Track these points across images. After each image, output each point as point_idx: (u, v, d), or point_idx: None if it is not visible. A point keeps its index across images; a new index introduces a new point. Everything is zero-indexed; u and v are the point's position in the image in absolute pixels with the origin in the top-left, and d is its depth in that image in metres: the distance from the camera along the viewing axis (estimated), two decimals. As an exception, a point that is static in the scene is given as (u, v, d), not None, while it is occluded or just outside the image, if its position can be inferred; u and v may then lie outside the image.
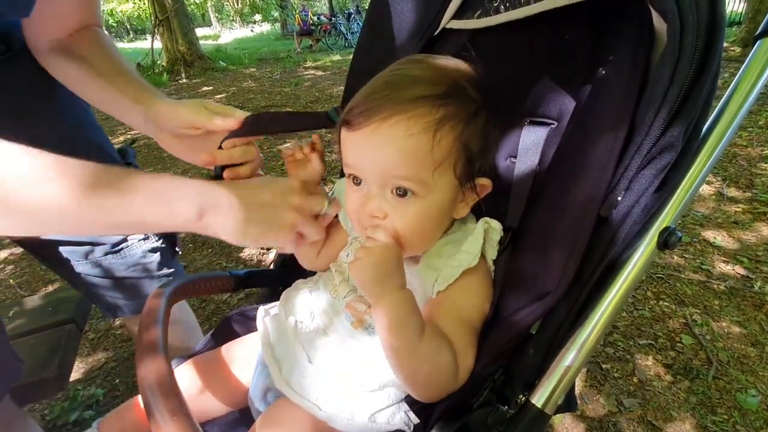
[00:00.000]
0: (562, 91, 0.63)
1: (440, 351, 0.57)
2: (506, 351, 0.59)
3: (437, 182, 0.59)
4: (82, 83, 0.82)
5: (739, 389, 1.52)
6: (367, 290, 0.57)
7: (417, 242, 0.63)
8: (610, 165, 0.48)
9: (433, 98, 0.57)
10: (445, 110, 0.57)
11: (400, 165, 0.58)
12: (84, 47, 0.82)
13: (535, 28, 0.70)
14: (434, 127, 0.57)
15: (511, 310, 0.57)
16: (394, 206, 0.60)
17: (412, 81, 0.59)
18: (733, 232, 2.31)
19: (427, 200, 0.60)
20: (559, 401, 0.53)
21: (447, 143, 0.58)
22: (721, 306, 1.87)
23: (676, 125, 0.46)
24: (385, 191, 0.60)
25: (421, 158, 0.57)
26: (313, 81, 7.45)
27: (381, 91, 0.59)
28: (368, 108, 0.58)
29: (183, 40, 9.53)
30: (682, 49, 0.45)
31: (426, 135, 0.56)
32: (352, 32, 13.12)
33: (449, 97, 0.58)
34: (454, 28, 0.81)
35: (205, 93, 7.23)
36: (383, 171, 0.59)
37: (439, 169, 0.58)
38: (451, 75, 0.61)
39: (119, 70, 0.81)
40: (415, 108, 0.57)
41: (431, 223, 0.63)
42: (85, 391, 1.67)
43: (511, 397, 0.60)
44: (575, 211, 0.51)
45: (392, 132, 0.57)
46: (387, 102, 0.57)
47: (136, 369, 0.54)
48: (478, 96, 0.61)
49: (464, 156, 0.59)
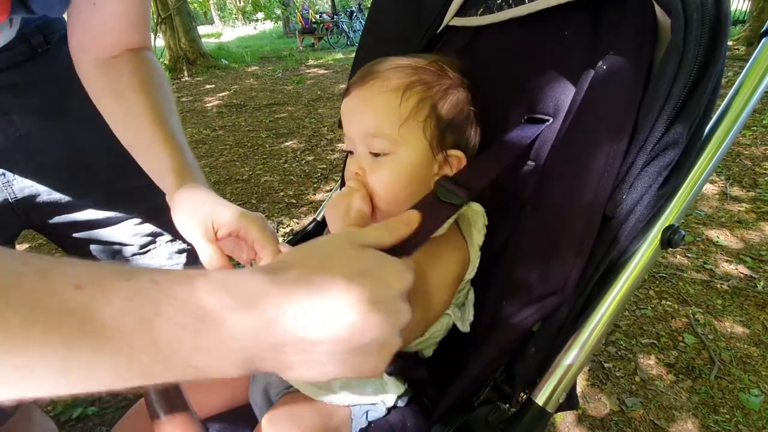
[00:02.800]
0: (561, 87, 0.63)
1: None
2: (508, 350, 0.59)
3: (404, 138, 0.63)
4: (116, 122, 0.74)
5: (742, 389, 1.51)
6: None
7: (389, 200, 0.64)
8: (615, 163, 0.48)
9: (411, 67, 0.65)
10: (418, 76, 0.64)
11: (370, 120, 0.64)
12: (126, 77, 0.73)
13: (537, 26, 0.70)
14: (404, 87, 0.63)
15: (513, 311, 0.57)
16: (370, 165, 0.65)
17: (393, 59, 0.67)
18: (737, 232, 2.30)
19: (398, 157, 0.64)
20: (560, 399, 0.53)
21: (414, 101, 0.63)
22: (724, 305, 1.86)
23: (680, 122, 0.46)
24: (365, 152, 0.65)
25: (388, 112, 0.63)
26: (316, 79, 7.45)
27: (365, 68, 0.68)
28: (354, 81, 0.67)
29: (185, 38, 9.54)
30: (686, 44, 0.45)
31: (396, 92, 0.63)
32: (354, 30, 13.10)
33: (424, 71, 0.65)
34: (457, 26, 0.81)
35: (207, 91, 7.23)
36: (359, 130, 0.65)
37: (406, 124, 0.62)
38: (429, 58, 0.68)
39: (162, 123, 0.71)
40: (391, 75, 0.64)
41: (402, 182, 0.64)
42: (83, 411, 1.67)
43: (512, 395, 0.60)
44: (581, 210, 0.50)
45: (367, 92, 0.64)
46: (369, 72, 0.66)
47: None
48: (455, 77, 0.67)
49: (434, 118, 0.64)
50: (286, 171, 3.64)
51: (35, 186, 0.84)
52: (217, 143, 4.47)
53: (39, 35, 0.81)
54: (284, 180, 3.46)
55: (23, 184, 0.82)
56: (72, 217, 0.89)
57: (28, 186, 0.83)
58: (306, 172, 3.58)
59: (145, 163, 0.73)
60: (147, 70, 0.75)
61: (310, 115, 5.18)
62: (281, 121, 5.05)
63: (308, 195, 3.18)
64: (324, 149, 4.06)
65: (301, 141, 4.32)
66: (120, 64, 0.73)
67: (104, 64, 0.73)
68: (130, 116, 0.72)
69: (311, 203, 3.06)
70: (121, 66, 0.73)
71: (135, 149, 0.73)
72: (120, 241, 0.95)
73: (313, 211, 2.94)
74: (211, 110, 5.90)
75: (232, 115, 5.51)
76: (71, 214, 0.89)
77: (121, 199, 0.93)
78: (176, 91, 7.37)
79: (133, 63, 0.74)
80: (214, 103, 6.31)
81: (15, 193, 0.82)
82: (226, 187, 3.43)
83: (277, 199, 3.16)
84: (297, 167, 3.69)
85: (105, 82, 0.73)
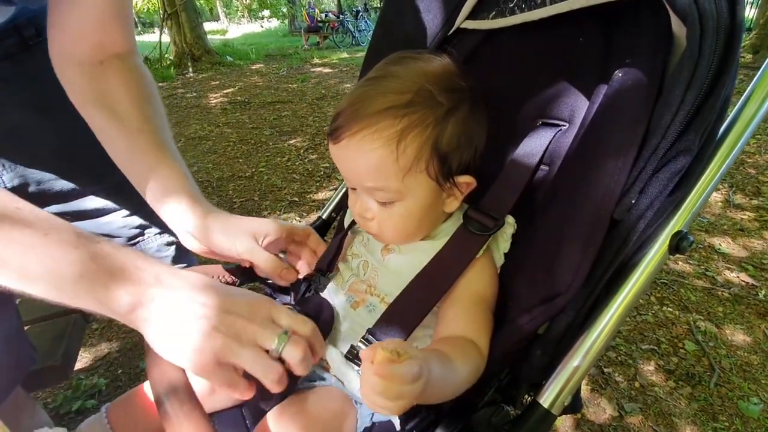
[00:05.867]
0: (575, 92, 0.63)
1: (470, 361, 0.58)
2: (513, 352, 0.59)
3: (409, 186, 0.62)
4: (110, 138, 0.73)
5: (741, 397, 1.51)
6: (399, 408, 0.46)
7: (404, 239, 0.69)
8: (625, 168, 0.48)
9: (397, 109, 0.60)
10: (408, 119, 0.59)
11: (369, 177, 0.62)
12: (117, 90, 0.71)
13: (549, 30, 0.70)
14: (397, 138, 0.59)
15: (519, 312, 0.57)
16: (379, 209, 0.65)
17: (379, 92, 0.62)
18: (739, 240, 2.30)
19: (406, 203, 0.64)
20: (566, 402, 0.54)
21: (413, 150, 0.60)
22: (725, 313, 1.86)
23: (693, 129, 0.46)
24: (369, 196, 0.65)
25: (387, 169, 0.61)
26: (320, 78, 7.45)
27: (351, 106, 0.62)
28: (340, 124, 0.62)
29: (191, 34, 9.54)
30: (701, 53, 0.45)
31: (389, 147, 0.59)
32: (360, 30, 13.10)
33: (413, 105, 0.60)
34: (468, 29, 0.81)
35: (212, 87, 7.24)
36: (359, 182, 0.64)
37: (409, 174, 0.61)
38: (418, 82, 0.62)
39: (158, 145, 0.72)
40: (378, 121, 0.59)
41: (415, 222, 0.67)
42: (88, 380, 1.68)
43: (516, 397, 0.61)
44: (589, 213, 0.51)
45: (359, 146, 0.60)
46: (354, 117, 0.61)
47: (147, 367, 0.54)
48: (449, 99, 0.62)
49: (436, 158, 0.62)
50: (289, 169, 3.64)
51: (26, 176, 0.85)
52: (220, 140, 4.48)
53: (31, 27, 0.81)
54: (287, 178, 3.46)
55: (13, 174, 0.83)
56: (61, 208, 0.90)
57: (18, 176, 0.84)
58: (309, 170, 3.58)
59: (143, 184, 0.71)
60: (137, 82, 0.73)
61: (314, 114, 5.18)
62: (285, 119, 5.05)
63: (311, 193, 3.18)
64: (327, 148, 4.04)
65: (305, 139, 4.32)
66: (108, 73, 0.71)
67: (90, 72, 0.70)
68: (126, 136, 0.71)
69: (314, 201, 3.06)
70: (110, 75, 0.71)
71: (132, 168, 0.72)
72: (109, 233, 0.96)
73: (316, 209, 2.95)
74: (215, 107, 5.90)
75: (236, 112, 5.52)
76: (61, 205, 0.90)
77: (110, 191, 0.94)
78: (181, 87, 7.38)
79: (123, 73, 0.72)
80: (218, 99, 6.32)
81: (5, 183, 0.83)
82: (229, 183, 3.43)
83: (279, 196, 3.16)
84: (300, 165, 3.69)
85: (93, 92, 0.71)
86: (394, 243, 0.71)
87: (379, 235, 0.70)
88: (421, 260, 0.67)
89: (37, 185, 0.87)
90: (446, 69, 0.66)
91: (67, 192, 0.90)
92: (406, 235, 0.69)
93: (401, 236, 0.69)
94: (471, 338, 0.60)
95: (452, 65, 0.67)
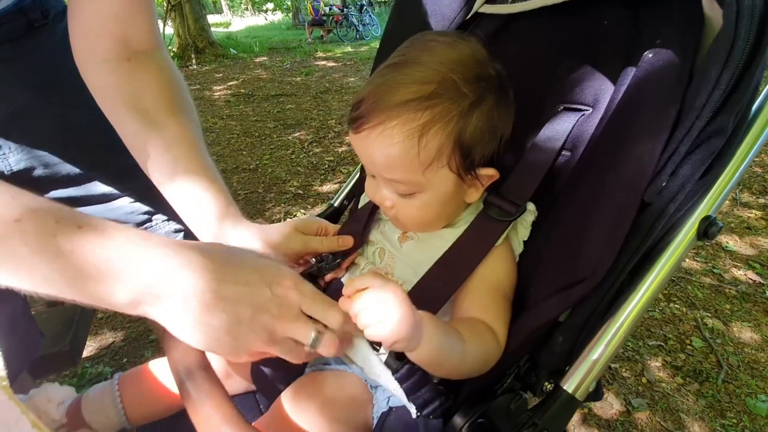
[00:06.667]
0: (600, 76, 0.62)
1: (483, 343, 0.57)
2: (534, 339, 0.59)
3: (431, 180, 0.61)
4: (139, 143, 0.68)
5: (749, 394, 1.51)
6: (397, 347, 0.50)
7: (423, 228, 0.69)
8: (657, 149, 0.47)
9: (419, 101, 0.57)
10: (431, 113, 0.57)
11: (389, 170, 0.61)
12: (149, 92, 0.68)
13: (571, 14, 0.69)
14: (418, 132, 0.57)
15: (542, 297, 0.56)
16: (398, 199, 0.64)
17: (401, 82, 0.58)
18: (746, 238, 2.29)
19: (426, 195, 0.62)
20: (590, 388, 0.53)
21: (434, 145, 0.58)
22: (732, 310, 1.85)
23: (726, 110, 0.45)
24: (389, 186, 0.64)
25: (408, 163, 0.59)
26: (324, 72, 7.42)
27: (372, 95, 0.59)
28: (361, 114, 0.59)
29: (195, 26, 9.51)
30: (737, 33, 0.44)
31: (410, 141, 0.57)
32: (364, 24, 13.05)
33: (436, 97, 0.57)
34: (486, 13, 0.80)
35: (215, 80, 7.22)
36: (379, 173, 0.63)
37: (430, 168, 0.59)
38: (442, 71, 0.58)
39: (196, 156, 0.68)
40: (399, 114, 0.57)
41: (435, 213, 0.66)
42: (93, 368, 1.68)
43: (536, 384, 0.60)
44: (618, 196, 0.50)
45: (379, 140, 0.58)
46: (375, 108, 0.58)
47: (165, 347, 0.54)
48: (474, 89, 0.59)
49: (458, 152, 0.60)
50: (293, 162, 3.63)
51: (31, 160, 0.84)
52: (224, 132, 4.47)
53: (37, 10, 0.81)
54: (291, 171, 3.45)
55: (19, 157, 0.82)
56: (67, 193, 0.89)
57: (24, 159, 0.83)
58: (313, 163, 3.57)
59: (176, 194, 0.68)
60: (169, 82, 0.71)
61: (318, 107, 5.16)
62: (289, 112, 5.04)
63: (315, 186, 3.17)
64: (332, 142, 4.05)
65: (309, 132, 4.31)
66: (137, 72, 0.67)
67: (118, 69, 0.66)
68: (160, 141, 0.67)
69: (318, 194, 3.05)
70: (139, 75, 0.67)
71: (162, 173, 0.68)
72: (116, 218, 0.95)
73: (320, 202, 2.94)
74: (218, 99, 5.89)
75: (239, 105, 5.50)
76: (67, 189, 0.89)
77: (116, 176, 0.93)
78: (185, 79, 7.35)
79: (153, 73, 0.69)
80: (222, 92, 6.30)
81: (11, 166, 0.82)
82: (233, 176, 3.42)
83: (284, 189, 3.15)
84: (304, 158, 3.68)
85: (124, 95, 0.67)
86: (412, 231, 0.71)
87: (399, 223, 0.69)
88: (440, 247, 0.66)
89: (44, 168, 0.86)
90: (473, 54, 0.62)
91: (75, 176, 0.89)
92: (426, 225, 0.68)
93: (420, 226, 0.69)
94: (486, 323, 0.60)
95: (480, 49, 0.63)
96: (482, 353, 0.58)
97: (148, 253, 0.45)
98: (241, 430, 0.43)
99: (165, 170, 0.67)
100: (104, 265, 0.42)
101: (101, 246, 0.43)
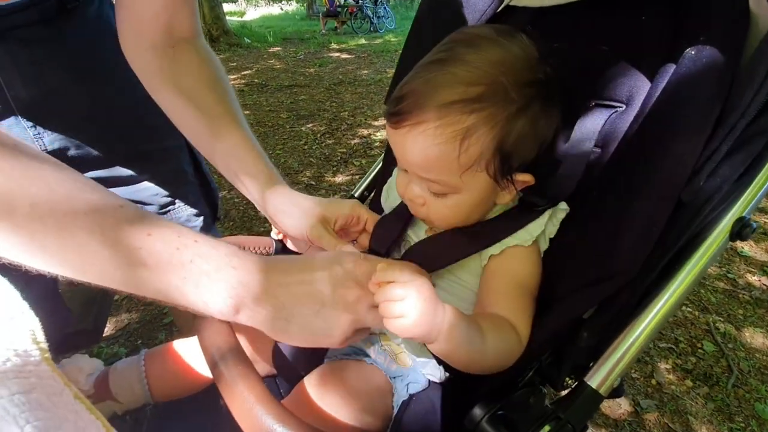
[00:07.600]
0: (635, 73, 0.61)
1: (504, 338, 0.57)
2: (559, 334, 0.59)
3: (467, 183, 0.60)
4: (187, 120, 0.74)
5: (759, 399, 1.50)
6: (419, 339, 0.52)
7: (453, 226, 0.68)
8: (697, 147, 0.47)
9: (465, 103, 0.55)
10: (476, 117, 0.55)
11: (426, 169, 0.60)
12: (194, 74, 0.73)
13: (606, 8, 0.68)
14: (461, 135, 0.55)
15: (569, 291, 0.57)
16: (430, 197, 0.63)
17: (447, 81, 0.56)
18: (762, 244, 2.27)
19: (460, 196, 0.62)
20: (615, 384, 0.53)
21: (476, 150, 0.57)
22: (745, 316, 1.84)
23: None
24: (422, 184, 0.63)
25: (447, 165, 0.58)
26: (338, 63, 7.40)
27: (416, 91, 0.57)
28: (403, 109, 0.57)
29: (210, 14, 9.51)
30: (785, 32, 0.44)
31: (452, 144, 0.56)
32: (379, 17, 12.96)
33: (483, 101, 0.55)
34: (518, 6, 0.79)
35: (229, 69, 7.22)
36: (414, 170, 0.62)
37: (468, 172, 0.58)
38: (492, 73, 0.55)
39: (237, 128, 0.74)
40: (444, 115, 0.55)
41: (466, 213, 0.65)
42: (109, 349, 1.71)
43: (557, 378, 0.60)
44: (654, 194, 0.49)
45: (420, 139, 0.57)
46: (419, 106, 0.56)
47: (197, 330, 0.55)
48: (522, 95, 0.56)
49: (498, 157, 0.58)
50: (306, 153, 3.63)
51: (65, 140, 0.85)
52: (237, 120, 4.48)
53: None
54: (304, 162, 3.46)
55: (53, 137, 0.84)
56: (99, 174, 0.91)
57: (58, 139, 0.85)
58: (326, 155, 3.57)
59: (226, 165, 0.74)
60: (209, 65, 0.76)
61: (331, 99, 5.16)
62: (302, 103, 5.04)
63: (327, 177, 3.18)
64: (344, 134, 4.05)
65: (322, 124, 4.31)
66: (181, 58, 0.72)
67: (163, 54, 0.71)
68: (206, 118, 0.73)
69: (330, 186, 3.06)
70: (183, 60, 0.72)
71: (214, 150, 0.74)
72: (141, 200, 0.98)
73: (333, 193, 2.95)
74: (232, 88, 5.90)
75: (253, 94, 5.51)
76: (98, 171, 0.91)
77: (144, 159, 0.96)
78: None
79: (194, 57, 0.74)
80: (235, 81, 6.31)
81: (45, 145, 0.84)
82: (246, 164, 3.43)
83: (296, 180, 3.16)
84: (317, 150, 3.68)
85: (168, 77, 0.72)
86: (441, 227, 0.69)
87: (428, 221, 0.69)
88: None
89: (77, 149, 0.88)
90: (525, 56, 0.58)
91: (105, 158, 0.91)
92: (455, 224, 0.67)
93: (450, 225, 0.68)
94: (510, 320, 0.60)
95: (532, 50, 0.59)
96: (504, 350, 0.58)
97: (225, 260, 0.49)
98: (273, 409, 0.44)
99: (209, 140, 0.73)
100: (193, 272, 0.47)
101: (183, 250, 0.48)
